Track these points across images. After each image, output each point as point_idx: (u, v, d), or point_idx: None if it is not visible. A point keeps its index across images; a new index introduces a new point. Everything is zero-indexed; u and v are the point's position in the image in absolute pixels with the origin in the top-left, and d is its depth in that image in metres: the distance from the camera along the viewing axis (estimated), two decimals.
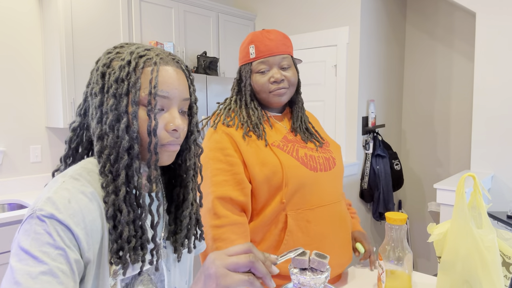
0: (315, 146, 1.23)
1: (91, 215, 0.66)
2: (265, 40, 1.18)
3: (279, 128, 1.23)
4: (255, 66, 1.18)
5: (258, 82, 1.18)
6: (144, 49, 0.72)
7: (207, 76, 3.06)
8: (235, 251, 0.61)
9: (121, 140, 0.69)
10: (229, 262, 0.59)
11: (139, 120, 0.70)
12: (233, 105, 1.22)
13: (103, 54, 0.75)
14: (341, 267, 1.19)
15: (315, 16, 3.38)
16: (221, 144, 1.14)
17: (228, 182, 1.11)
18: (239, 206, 1.12)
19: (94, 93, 0.72)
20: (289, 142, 1.19)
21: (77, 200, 0.65)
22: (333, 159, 1.24)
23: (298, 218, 1.12)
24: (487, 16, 2.67)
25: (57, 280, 0.60)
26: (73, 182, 0.67)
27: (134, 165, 0.69)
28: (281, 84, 1.17)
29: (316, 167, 1.16)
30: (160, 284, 0.79)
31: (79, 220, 0.64)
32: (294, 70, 1.21)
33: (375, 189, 3.27)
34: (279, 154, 1.13)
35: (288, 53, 1.20)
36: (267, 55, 1.17)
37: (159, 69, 0.71)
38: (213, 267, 0.59)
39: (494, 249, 0.91)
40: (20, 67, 2.62)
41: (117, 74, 0.69)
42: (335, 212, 1.18)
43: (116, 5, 2.77)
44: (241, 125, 1.17)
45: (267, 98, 1.19)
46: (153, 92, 0.69)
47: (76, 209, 0.64)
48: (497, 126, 2.67)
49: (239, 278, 0.58)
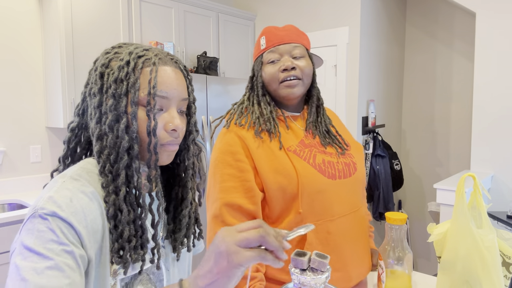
0: (335, 152, 1.14)
1: (92, 214, 0.66)
2: (276, 30, 1.14)
3: (296, 130, 1.15)
4: (266, 56, 1.13)
5: (268, 72, 1.12)
6: (142, 49, 0.73)
7: (207, 76, 3.06)
8: (245, 227, 0.59)
9: (121, 140, 0.69)
10: (240, 238, 0.56)
11: (139, 120, 0.70)
12: (246, 102, 1.17)
13: (101, 54, 0.75)
14: (360, 276, 1.13)
15: (315, 16, 3.38)
16: (232, 148, 1.08)
17: (236, 189, 1.05)
18: (248, 215, 1.05)
19: (93, 93, 0.72)
20: (306, 147, 1.12)
21: (78, 199, 0.65)
22: (353, 164, 1.15)
23: (318, 230, 1.05)
24: (487, 16, 2.67)
25: (63, 274, 0.59)
26: (73, 182, 0.67)
27: (134, 165, 0.70)
28: (292, 72, 1.09)
29: (334, 175, 1.09)
30: (159, 284, 0.79)
31: (81, 218, 0.64)
32: (308, 61, 1.13)
33: (375, 189, 3.27)
34: (294, 161, 1.06)
35: (301, 43, 1.14)
36: (277, 44, 1.12)
37: (158, 70, 0.71)
38: (223, 245, 0.57)
39: (494, 249, 0.91)
40: (20, 67, 2.62)
41: (116, 75, 0.69)
42: (356, 221, 1.12)
43: (116, 5, 2.77)
44: (253, 123, 1.11)
45: (277, 90, 1.12)
46: (152, 92, 0.69)
47: (78, 208, 0.64)
48: (497, 126, 2.67)
49: (251, 254, 0.56)
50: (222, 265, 0.56)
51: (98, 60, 0.74)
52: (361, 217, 1.15)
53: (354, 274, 1.10)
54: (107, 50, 0.75)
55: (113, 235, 0.68)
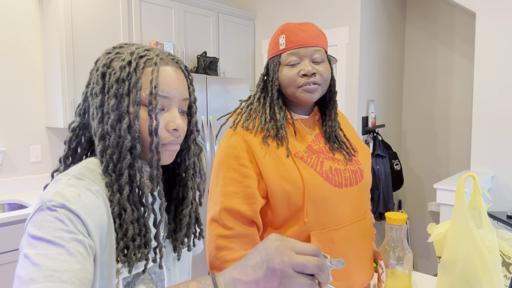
0: (343, 158, 1.12)
1: (99, 211, 0.66)
2: (297, 30, 1.07)
3: (304, 134, 1.12)
4: (285, 58, 1.07)
5: (286, 75, 1.07)
6: (144, 50, 0.73)
7: (207, 76, 3.06)
8: (303, 250, 0.57)
9: (123, 140, 0.69)
10: (298, 263, 0.55)
11: (140, 120, 0.70)
12: (255, 103, 1.12)
13: (102, 55, 0.75)
14: (362, 285, 1.12)
15: (315, 16, 3.38)
16: (237, 152, 1.05)
17: (238, 194, 1.03)
18: (246, 220, 1.04)
19: (95, 93, 0.72)
20: (313, 153, 1.09)
21: (85, 195, 0.65)
22: (360, 171, 1.13)
23: (323, 238, 1.03)
24: (487, 16, 2.67)
25: (75, 259, 0.59)
26: (78, 181, 0.67)
27: (137, 164, 0.70)
28: (312, 78, 1.05)
29: (341, 183, 1.07)
30: (160, 284, 0.79)
31: (89, 212, 0.64)
32: (327, 66, 1.09)
33: (375, 189, 3.27)
34: (301, 168, 1.04)
35: (323, 47, 1.09)
36: (298, 46, 1.06)
37: (159, 70, 0.72)
38: (280, 263, 0.54)
39: (494, 249, 0.91)
40: (20, 67, 2.62)
41: (118, 75, 0.70)
42: (360, 230, 1.11)
43: (116, 5, 2.77)
44: (260, 128, 1.08)
45: (295, 93, 1.07)
46: (154, 92, 0.70)
47: (86, 202, 0.65)
48: (497, 126, 2.67)
49: (304, 281, 0.55)
50: (271, 284, 0.55)
51: (99, 60, 0.75)
52: (366, 225, 1.14)
53: (356, 283, 1.09)
54: (108, 50, 0.75)
55: (118, 234, 0.68)
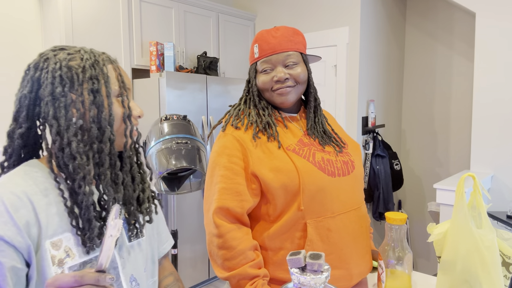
0: (333, 150, 1.16)
1: (20, 212, 0.70)
2: (269, 38, 1.13)
3: (294, 129, 1.17)
4: (260, 65, 1.15)
5: (262, 81, 1.15)
6: (90, 50, 0.82)
7: (207, 76, 3.06)
8: None
9: (104, 130, 0.77)
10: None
11: (115, 110, 0.80)
12: (242, 105, 1.19)
13: (43, 59, 0.77)
14: (361, 275, 1.13)
15: (315, 16, 3.38)
16: (228, 150, 1.10)
17: (228, 191, 1.07)
18: (233, 217, 1.08)
19: (59, 93, 0.75)
20: (305, 145, 1.13)
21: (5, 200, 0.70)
22: (351, 162, 1.17)
23: (319, 226, 1.06)
24: (487, 16, 2.67)
25: None
26: (2, 187, 0.72)
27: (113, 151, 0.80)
28: (286, 83, 1.12)
29: (334, 172, 1.10)
30: (113, 271, 0.81)
31: (7, 222, 0.69)
32: (303, 67, 1.14)
33: (375, 189, 3.27)
34: (294, 159, 1.08)
35: (295, 49, 1.14)
36: (269, 54, 1.12)
37: (118, 66, 0.83)
38: None
39: (494, 249, 0.91)
40: (20, 67, 2.62)
41: (90, 72, 0.77)
42: (356, 219, 1.12)
43: (116, 5, 2.77)
44: (250, 124, 1.13)
45: (271, 98, 1.15)
46: (122, 85, 0.81)
47: (2, 211, 0.69)
48: (497, 126, 2.67)
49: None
50: None
51: (46, 63, 0.77)
52: (361, 215, 1.15)
53: (355, 272, 1.10)
54: (47, 54, 0.78)
55: (70, 211, 0.75)
